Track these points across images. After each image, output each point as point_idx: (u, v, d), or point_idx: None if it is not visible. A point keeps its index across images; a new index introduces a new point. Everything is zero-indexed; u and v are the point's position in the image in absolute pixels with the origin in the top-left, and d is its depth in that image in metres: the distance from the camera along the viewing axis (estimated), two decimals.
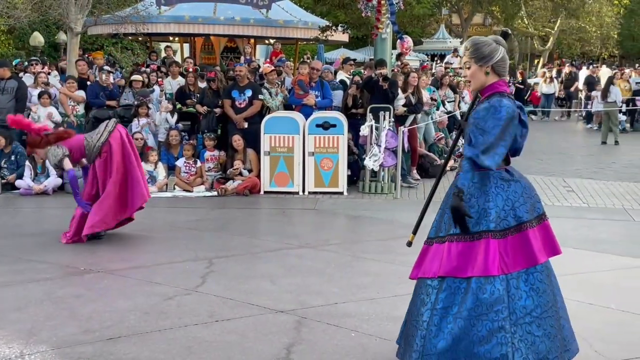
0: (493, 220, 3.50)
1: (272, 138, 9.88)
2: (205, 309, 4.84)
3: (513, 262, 3.50)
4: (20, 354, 3.96)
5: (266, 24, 17.65)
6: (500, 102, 3.52)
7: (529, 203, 3.59)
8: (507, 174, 3.61)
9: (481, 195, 3.56)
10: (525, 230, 3.53)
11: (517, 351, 3.41)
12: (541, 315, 3.49)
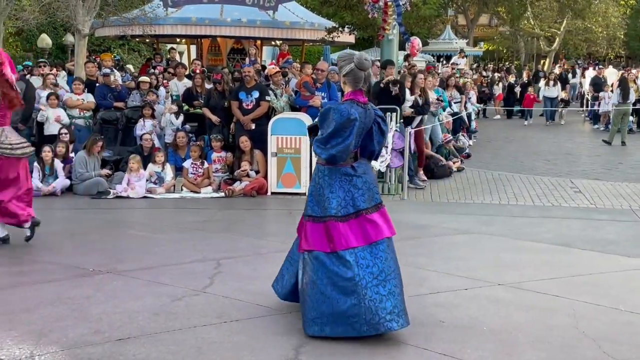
0: (334, 208, 4.34)
1: (279, 139, 9.91)
2: (214, 309, 4.86)
3: (356, 239, 4.32)
4: (31, 354, 3.98)
5: (272, 26, 17.67)
6: (340, 106, 4.37)
7: (367, 194, 4.41)
8: (352, 169, 4.41)
9: (327, 187, 4.40)
10: (362, 215, 4.35)
11: (367, 309, 4.21)
12: (385, 278, 4.30)
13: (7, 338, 4.21)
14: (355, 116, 4.31)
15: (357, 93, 4.44)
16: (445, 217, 8.49)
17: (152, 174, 10.02)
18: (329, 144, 4.34)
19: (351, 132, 4.31)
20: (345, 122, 4.28)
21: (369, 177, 4.49)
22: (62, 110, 11.01)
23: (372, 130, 4.52)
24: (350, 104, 4.36)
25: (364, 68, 4.42)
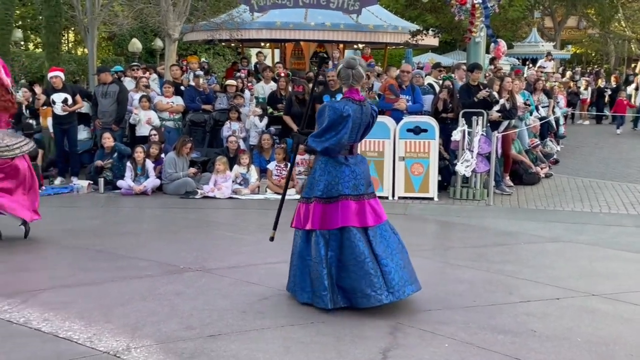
0: (320, 190, 4.87)
1: (362, 142, 9.84)
2: (301, 310, 4.89)
3: (330, 221, 4.84)
4: (127, 347, 4.12)
5: (356, 29, 17.70)
6: (334, 104, 4.94)
7: (352, 183, 4.86)
8: (344, 159, 4.91)
9: (319, 171, 4.94)
10: (340, 200, 4.83)
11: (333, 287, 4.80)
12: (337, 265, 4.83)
13: (105, 330, 4.38)
14: (349, 113, 4.79)
15: (353, 91, 4.95)
16: (533, 224, 8.25)
17: (237, 175, 10.21)
18: (323, 137, 4.82)
19: (344, 127, 4.79)
20: (338, 118, 4.78)
21: (359, 169, 4.96)
22: (153, 113, 11.37)
23: (370, 125, 5.06)
24: (345, 102, 4.87)
25: (351, 66, 4.92)
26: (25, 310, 4.73)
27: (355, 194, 4.89)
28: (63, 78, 10.97)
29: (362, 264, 4.77)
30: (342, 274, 4.84)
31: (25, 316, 4.62)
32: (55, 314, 4.66)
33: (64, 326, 4.44)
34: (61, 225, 7.91)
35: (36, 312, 4.70)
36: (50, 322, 4.50)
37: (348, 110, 4.80)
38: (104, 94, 11.25)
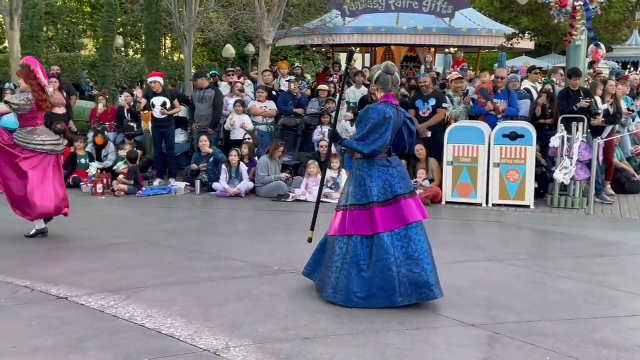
0: (375, 194, 5.02)
1: (455, 147, 9.76)
2: (395, 316, 4.86)
3: (393, 222, 4.99)
4: (226, 345, 4.22)
5: (448, 33, 17.48)
6: (377, 106, 5.07)
7: (402, 182, 5.08)
8: (387, 162, 5.10)
9: (367, 177, 5.08)
10: (400, 200, 5.02)
11: (401, 284, 4.92)
12: (418, 257, 4.96)
13: (205, 328, 4.50)
14: (390, 114, 5.02)
15: (389, 96, 5.15)
16: (635, 235, 7.89)
17: (328, 178, 10.27)
18: (368, 139, 5.00)
19: (387, 128, 5.00)
20: (382, 119, 4.98)
21: (402, 168, 5.24)
22: (247, 117, 11.62)
23: (402, 130, 5.23)
24: (385, 105, 5.07)
25: (390, 72, 5.15)
26: (130, 307, 4.92)
27: (408, 191, 5.13)
28: (162, 82, 11.38)
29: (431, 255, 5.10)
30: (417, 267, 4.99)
31: (129, 312, 4.80)
32: (157, 310, 4.83)
33: (166, 323, 4.59)
34: (160, 225, 8.20)
35: (139, 308, 4.88)
36: (153, 319, 4.66)
37: (389, 112, 5.02)
38: (200, 99, 11.59)
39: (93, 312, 4.83)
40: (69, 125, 12.09)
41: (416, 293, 4.96)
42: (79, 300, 5.07)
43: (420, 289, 4.96)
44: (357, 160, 5.21)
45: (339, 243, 5.12)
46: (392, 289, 4.93)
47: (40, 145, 6.93)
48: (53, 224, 7.44)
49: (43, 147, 6.95)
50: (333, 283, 5.07)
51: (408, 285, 4.94)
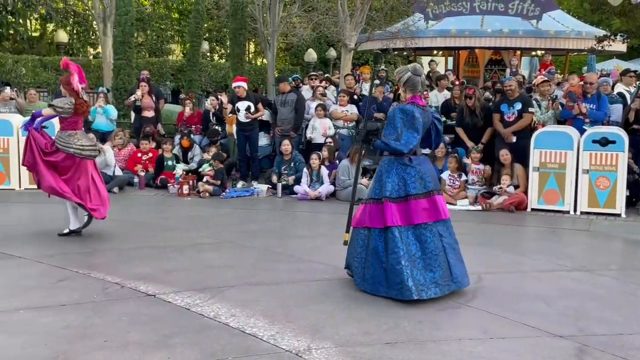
0: (389, 190, 5.25)
1: (542, 153, 9.49)
2: (478, 324, 4.77)
3: (401, 219, 5.21)
4: (308, 347, 4.25)
5: (535, 35, 17.04)
6: (403, 106, 5.30)
7: (418, 182, 5.24)
8: (408, 161, 5.29)
9: (385, 173, 5.33)
10: (410, 200, 5.22)
11: (409, 278, 5.09)
12: (422, 256, 5.19)
13: (287, 329, 4.55)
14: (418, 115, 5.24)
15: (416, 97, 5.37)
16: None
17: None
18: (404, 139, 5.20)
19: (418, 127, 5.23)
20: (411, 119, 5.21)
21: (423, 168, 5.35)
22: (329, 121, 11.68)
23: (430, 130, 5.48)
24: (412, 106, 5.29)
25: (419, 74, 5.36)
26: (215, 305, 5.03)
27: (424, 191, 5.29)
28: (246, 87, 11.60)
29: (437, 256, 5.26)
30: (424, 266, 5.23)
31: (214, 311, 4.91)
32: (241, 310, 4.92)
33: (249, 322, 4.66)
34: (243, 226, 8.35)
35: (224, 307, 4.99)
36: (237, 318, 4.75)
37: (417, 112, 5.25)
38: (282, 103, 11.74)
39: (180, 309, 4.97)
40: (157, 128, 12.52)
41: (416, 289, 5.13)
42: (166, 297, 5.23)
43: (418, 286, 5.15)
44: (385, 157, 5.47)
45: (360, 235, 5.45)
46: (400, 283, 5.12)
47: (80, 149, 7.13)
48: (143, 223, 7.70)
49: (82, 152, 7.14)
50: (360, 272, 5.42)
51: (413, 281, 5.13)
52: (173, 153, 11.71)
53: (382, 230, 5.28)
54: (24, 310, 4.89)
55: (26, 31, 22.46)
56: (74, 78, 7.09)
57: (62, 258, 6.36)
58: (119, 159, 11.31)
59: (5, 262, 6.25)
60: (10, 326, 4.56)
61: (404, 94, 5.40)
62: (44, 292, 5.36)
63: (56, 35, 22.30)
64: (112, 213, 7.67)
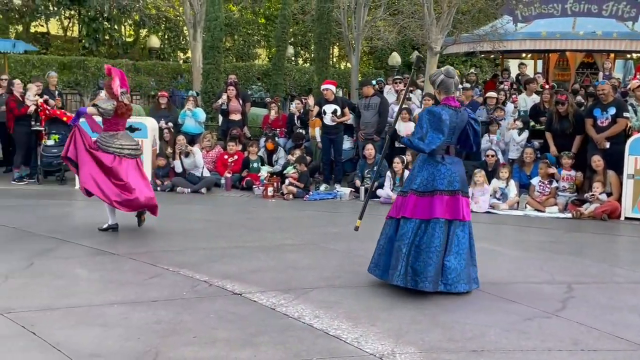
0: (416, 184, 5.48)
1: (638, 160, 9.10)
2: (568, 335, 4.62)
3: (421, 212, 5.41)
4: (392, 351, 4.23)
5: (631, 38, 16.32)
6: (432, 108, 5.53)
7: (447, 180, 5.41)
8: (441, 158, 5.46)
9: (417, 167, 5.57)
10: (436, 195, 5.39)
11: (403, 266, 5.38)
12: (425, 249, 5.37)
13: (370, 333, 4.55)
14: (446, 117, 5.38)
15: (449, 99, 5.55)
16: None
17: (496, 189, 10.00)
18: (427, 139, 5.39)
19: (443, 129, 5.36)
20: (437, 120, 5.37)
21: (454, 168, 5.52)
22: (413, 125, 11.59)
23: (466, 130, 5.61)
24: (442, 107, 5.47)
25: (451, 76, 5.53)
26: (299, 306, 5.09)
27: (450, 189, 5.46)
28: (334, 90, 11.68)
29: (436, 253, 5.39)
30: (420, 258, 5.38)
31: (298, 311, 4.97)
32: (325, 312, 4.96)
33: (333, 324, 4.70)
34: (326, 228, 8.41)
35: (308, 308, 5.04)
36: (321, 320, 4.79)
37: (445, 114, 5.39)
38: (366, 106, 11.75)
39: (265, 309, 5.06)
40: (243, 131, 12.78)
41: (412, 280, 5.39)
42: (252, 297, 5.33)
43: (415, 277, 5.39)
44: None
45: (386, 224, 5.80)
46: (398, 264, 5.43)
47: (119, 149, 7.44)
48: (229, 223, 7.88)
49: (122, 151, 7.45)
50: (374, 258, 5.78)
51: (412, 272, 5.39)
52: (258, 155, 11.93)
53: (398, 220, 5.57)
54: (117, 304, 5.10)
55: (120, 37, 23.39)
56: (115, 82, 7.44)
57: (153, 255, 6.60)
58: (206, 160, 11.62)
59: (102, 258, 6.55)
60: (106, 319, 4.77)
61: (439, 95, 5.63)
62: (137, 287, 5.57)
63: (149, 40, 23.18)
64: (200, 213, 7.90)
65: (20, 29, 22.09)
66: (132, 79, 19.07)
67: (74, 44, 22.82)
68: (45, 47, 21.17)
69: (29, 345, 4.28)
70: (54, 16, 22.18)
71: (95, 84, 16.10)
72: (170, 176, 11.18)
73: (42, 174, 11.33)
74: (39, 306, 5.03)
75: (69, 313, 4.89)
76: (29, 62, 17.76)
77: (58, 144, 11.18)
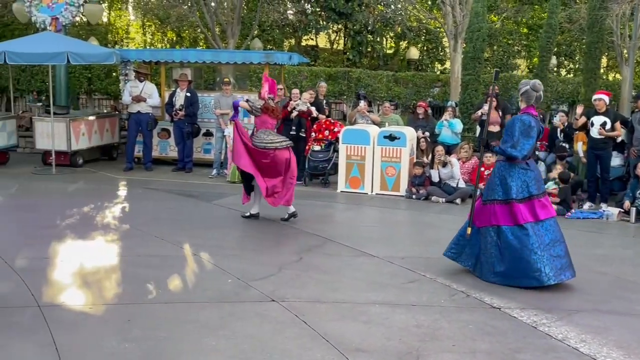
0: (514, 192, 5.93)
1: None
2: None
3: (531, 216, 5.89)
4: None
5: None
6: (522, 116, 6.05)
7: (536, 184, 5.97)
8: (526, 165, 6.00)
9: (508, 177, 6.00)
10: (533, 199, 5.93)
11: (546, 265, 5.78)
12: (553, 244, 5.89)
13: None
14: (534, 124, 5.94)
15: (530, 108, 6.10)
16: None
17: None
18: (519, 145, 5.89)
19: (532, 135, 5.90)
20: (527, 128, 5.91)
21: (538, 172, 6.14)
22: None
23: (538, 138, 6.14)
24: (528, 116, 6.00)
25: (537, 90, 6.09)
26: (563, 328, 4.87)
27: (542, 191, 6.05)
28: (607, 102, 10.92)
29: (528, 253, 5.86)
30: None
31: (562, 333, 4.76)
32: (592, 337, 4.69)
33: (602, 351, 4.42)
34: (590, 250, 7.88)
35: (573, 331, 4.80)
36: (588, 345, 4.54)
37: (533, 122, 5.96)
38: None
39: (525, 326, 4.92)
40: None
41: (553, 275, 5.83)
42: (511, 312, 5.22)
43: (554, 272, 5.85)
44: (499, 162, 6.22)
45: (489, 232, 6.04)
46: (537, 271, 5.78)
47: (269, 143, 8.24)
48: None
49: (269, 144, 8.23)
50: (489, 267, 6.01)
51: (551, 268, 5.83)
52: None
53: (514, 228, 5.90)
54: (379, 304, 5.32)
55: (382, 49, 24.27)
56: (264, 88, 8.54)
57: (411, 261, 6.74)
58: (462, 171, 11.57)
59: (363, 259, 6.86)
60: (369, 317, 5.01)
61: (521, 103, 6.18)
62: (396, 290, 5.75)
63: (408, 52, 23.73)
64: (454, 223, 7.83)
65: (292, 42, 23.99)
66: (392, 89, 19.68)
67: (339, 56, 24.19)
68: (314, 59, 22.72)
69: (300, 333, 4.65)
70: (323, 30, 23.68)
71: (356, 93, 16.87)
72: (425, 185, 11.32)
73: (308, 177, 12.17)
74: (309, 297, 5.44)
75: (335, 307, 5.22)
76: (301, 73, 19.21)
77: (323, 149, 11.93)
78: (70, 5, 14.19)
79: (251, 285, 5.73)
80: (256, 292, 5.53)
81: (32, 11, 14.28)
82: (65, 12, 14.20)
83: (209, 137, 13.36)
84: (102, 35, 21.08)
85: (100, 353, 4.23)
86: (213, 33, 18.44)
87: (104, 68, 18.60)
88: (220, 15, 18.81)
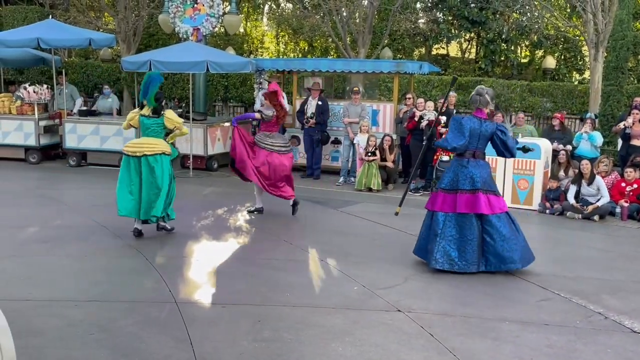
0: (444, 183, 6.68)
1: None
2: None
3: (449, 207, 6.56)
4: None
5: None
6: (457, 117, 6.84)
7: (468, 180, 6.53)
8: (465, 162, 6.61)
9: (447, 168, 6.82)
10: (456, 193, 6.55)
11: (438, 252, 6.52)
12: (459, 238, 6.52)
13: None
14: (465, 123, 6.53)
15: (477, 111, 6.71)
16: None
17: None
18: (450, 138, 6.54)
19: (463, 132, 6.49)
20: (458, 125, 6.54)
21: (477, 171, 6.55)
22: None
23: (494, 140, 6.70)
24: (469, 118, 6.64)
25: (478, 93, 6.71)
26: None
27: (470, 188, 6.48)
28: None
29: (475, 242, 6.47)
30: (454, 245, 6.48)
31: None
32: None
33: None
34: None
35: None
36: None
37: (467, 122, 6.53)
38: None
39: None
40: None
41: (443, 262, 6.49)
42: None
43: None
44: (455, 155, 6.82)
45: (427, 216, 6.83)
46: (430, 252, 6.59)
47: (270, 145, 8.96)
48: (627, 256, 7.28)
49: (272, 147, 8.95)
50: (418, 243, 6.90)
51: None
52: None
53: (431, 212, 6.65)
54: (509, 322, 5.14)
55: (516, 58, 23.52)
56: (282, 97, 9.19)
57: (544, 279, 6.46)
58: None
59: (492, 274, 6.65)
60: (498, 334, 4.86)
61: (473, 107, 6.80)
62: (528, 307, 5.54)
63: (544, 61, 22.82)
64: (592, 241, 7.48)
65: (422, 51, 23.79)
66: (526, 99, 19.03)
67: (470, 65, 23.71)
68: (444, 68, 22.41)
69: (427, 346, 4.58)
70: (455, 39, 23.33)
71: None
72: (560, 200, 10.83)
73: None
74: (436, 310, 5.35)
75: (463, 321, 5.11)
76: (430, 82, 19.01)
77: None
78: (211, 16, 14.91)
79: (376, 293, 5.72)
80: (382, 301, 5.52)
81: (175, 22, 15.13)
82: (206, 23, 14.93)
83: (337, 145, 13.51)
84: (239, 45, 21.92)
85: (232, 351, 4.38)
86: (344, 42, 18.67)
87: (240, 76, 19.34)
88: (352, 25, 19.01)
